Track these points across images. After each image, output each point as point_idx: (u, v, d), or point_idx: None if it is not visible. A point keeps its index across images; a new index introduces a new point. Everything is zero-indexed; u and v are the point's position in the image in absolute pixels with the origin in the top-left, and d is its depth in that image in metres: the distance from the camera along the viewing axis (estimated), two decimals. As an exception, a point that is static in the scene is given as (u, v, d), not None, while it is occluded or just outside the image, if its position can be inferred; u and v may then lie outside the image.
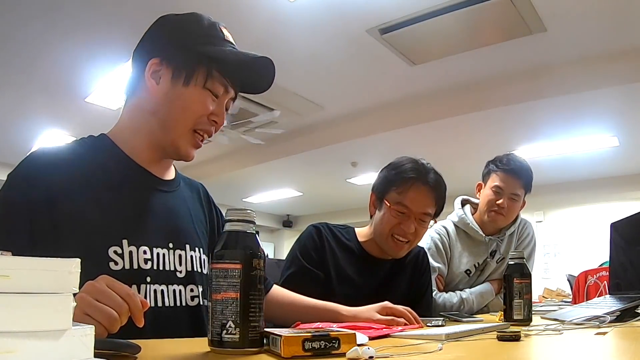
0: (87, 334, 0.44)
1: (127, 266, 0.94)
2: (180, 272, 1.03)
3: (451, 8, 3.31)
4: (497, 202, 2.07)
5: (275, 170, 7.20)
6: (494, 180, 2.11)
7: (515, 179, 2.08)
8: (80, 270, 0.44)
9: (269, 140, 5.88)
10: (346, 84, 4.66)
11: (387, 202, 1.58)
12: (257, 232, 0.75)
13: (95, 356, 0.45)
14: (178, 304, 1.01)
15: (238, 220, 0.72)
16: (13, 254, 0.80)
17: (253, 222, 0.73)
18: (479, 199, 2.20)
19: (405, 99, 4.89)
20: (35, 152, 1.00)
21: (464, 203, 2.28)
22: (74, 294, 0.43)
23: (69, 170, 0.97)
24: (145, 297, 0.95)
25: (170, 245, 1.03)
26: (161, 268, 1.00)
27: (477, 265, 2.16)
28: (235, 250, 0.70)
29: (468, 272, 2.15)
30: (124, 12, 3.34)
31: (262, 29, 3.57)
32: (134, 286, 0.93)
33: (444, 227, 2.19)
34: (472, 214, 2.21)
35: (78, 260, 0.43)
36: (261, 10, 3.37)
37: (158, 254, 1.00)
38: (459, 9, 3.30)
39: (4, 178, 0.96)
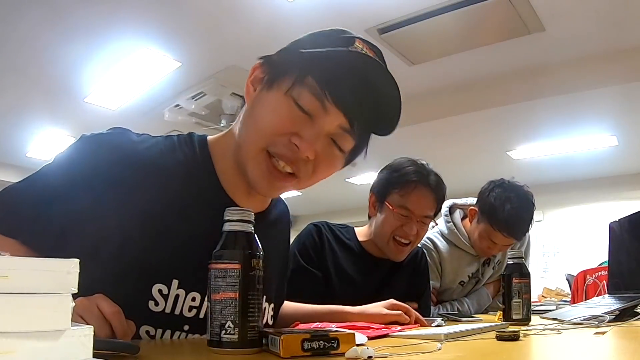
0: (86, 334, 0.44)
1: (167, 310, 0.81)
2: None
3: (450, 8, 3.31)
4: (489, 248, 1.99)
5: (274, 170, 7.19)
6: (489, 232, 1.94)
7: (512, 238, 1.94)
8: (79, 271, 0.43)
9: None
10: (345, 84, 4.66)
11: (389, 205, 1.57)
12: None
13: (94, 356, 0.45)
14: None
15: (237, 220, 0.72)
16: (38, 243, 0.76)
17: (252, 222, 0.73)
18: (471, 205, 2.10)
19: (404, 98, 4.82)
20: (119, 132, 0.87)
21: (452, 210, 2.15)
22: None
23: (139, 167, 0.82)
24: None
25: None
26: None
27: (470, 275, 2.12)
28: (234, 251, 0.70)
29: (462, 283, 2.11)
30: (123, 13, 3.34)
31: (261, 28, 3.56)
32: (168, 331, 0.83)
33: (431, 242, 2.08)
34: (462, 219, 2.13)
35: (77, 260, 0.43)
36: (260, 10, 3.37)
37: None
38: (457, 9, 3.29)
39: (4, 178, 0.92)
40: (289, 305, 1.30)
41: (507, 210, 1.85)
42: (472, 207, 2.05)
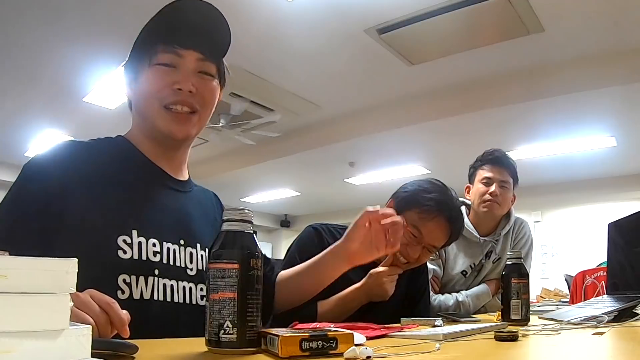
0: (84, 333, 0.44)
1: (135, 256, 0.95)
2: (191, 269, 1.04)
3: (449, 8, 3.31)
4: (489, 191, 2.10)
5: (273, 170, 7.20)
6: (482, 174, 2.15)
7: (502, 166, 2.14)
8: (77, 270, 0.44)
9: (267, 140, 5.88)
10: (344, 84, 4.66)
11: (404, 219, 1.54)
12: (255, 232, 0.75)
13: (92, 356, 0.45)
14: (188, 301, 1.01)
15: (236, 220, 0.72)
16: (21, 250, 0.80)
17: (251, 222, 0.73)
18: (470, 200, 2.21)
19: (403, 98, 4.89)
20: (53, 145, 1.02)
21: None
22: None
23: (84, 163, 1.00)
24: (153, 291, 0.96)
25: (182, 242, 1.03)
26: (171, 263, 1.00)
27: (473, 266, 2.16)
28: (233, 250, 0.70)
29: (464, 272, 2.15)
30: (122, 14, 3.34)
31: (261, 28, 3.57)
32: (142, 277, 0.95)
33: None
34: (467, 215, 2.20)
35: (75, 260, 0.43)
36: (259, 10, 3.37)
37: (168, 249, 1.01)
38: (457, 9, 3.30)
39: (4, 178, 0.97)
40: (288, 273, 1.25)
41: (488, 151, 2.21)
42: (466, 186, 2.26)
